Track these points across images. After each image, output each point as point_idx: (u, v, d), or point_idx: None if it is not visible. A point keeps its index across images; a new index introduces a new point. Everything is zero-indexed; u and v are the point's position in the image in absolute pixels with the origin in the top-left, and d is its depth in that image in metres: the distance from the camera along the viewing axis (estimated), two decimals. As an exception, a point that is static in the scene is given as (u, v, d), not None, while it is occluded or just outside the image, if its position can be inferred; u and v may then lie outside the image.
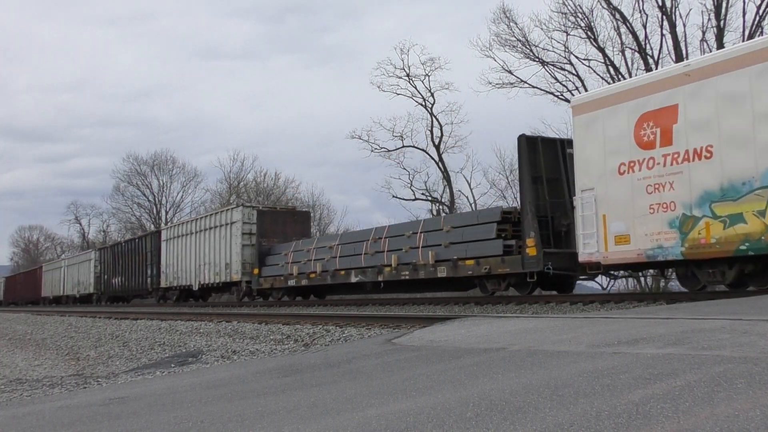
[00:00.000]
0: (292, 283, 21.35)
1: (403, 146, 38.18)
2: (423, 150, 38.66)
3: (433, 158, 38.69)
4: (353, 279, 18.60)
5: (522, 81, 31.35)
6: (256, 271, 23.41)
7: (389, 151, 38.43)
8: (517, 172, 15.97)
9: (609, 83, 28.62)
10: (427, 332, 7.24)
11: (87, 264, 42.40)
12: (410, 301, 16.70)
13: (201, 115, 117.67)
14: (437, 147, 38.33)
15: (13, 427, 4.40)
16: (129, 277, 34.87)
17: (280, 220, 24.79)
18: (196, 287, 27.09)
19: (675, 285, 25.15)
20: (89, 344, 14.52)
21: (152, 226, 56.82)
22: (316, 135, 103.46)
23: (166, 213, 62.14)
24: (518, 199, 15.77)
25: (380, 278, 17.52)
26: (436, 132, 38.27)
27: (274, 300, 23.31)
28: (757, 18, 24.88)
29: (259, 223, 24.00)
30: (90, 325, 18.65)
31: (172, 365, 8.46)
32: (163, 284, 30.36)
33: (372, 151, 38.50)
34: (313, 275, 20.20)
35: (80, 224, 75.64)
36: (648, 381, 3.46)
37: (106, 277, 38.66)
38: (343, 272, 19.14)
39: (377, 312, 13.96)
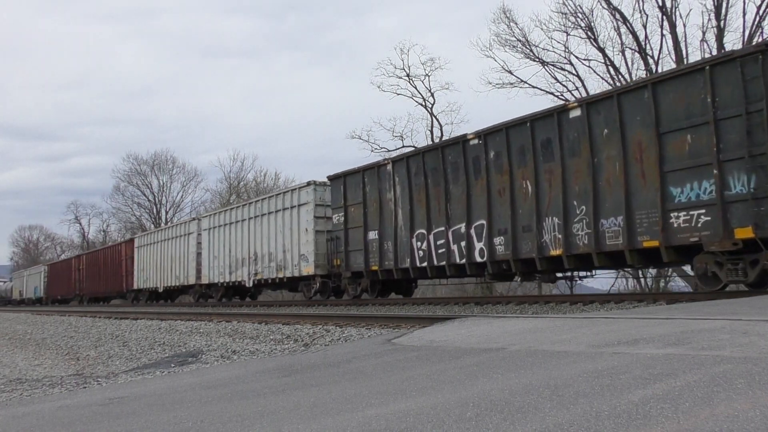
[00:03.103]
0: None
1: (403, 146, 38.14)
2: (423, 150, 38.70)
3: (433, 158, 38.72)
4: None
5: (522, 81, 31.30)
6: None
7: (389, 151, 38.38)
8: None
9: (609, 83, 28.69)
10: (427, 332, 7.24)
11: (288, 216, 20.62)
12: (410, 301, 16.69)
13: (201, 113, 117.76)
14: (438, 147, 38.31)
15: (13, 427, 4.39)
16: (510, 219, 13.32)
17: None
18: None
19: (675, 285, 25.27)
20: (89, 344, 14.53)
21: (152, 226, 56.75)
22: (317, 134, 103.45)
23: (166, 213, 62.20)
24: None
25: None
26: (436, 132, 38.28)
27: None
28: (757, 18, 24.86)
29: None
30: (90, 324, 18.65)
31: (172, 365, 8.46)
32: None
33: (372, 151, 38.35)
34: None
35: (80, 224, 75.63)
36: (648, 381, 3.46)
37: (374, 235, 16.86)
38: None
39: (377, 312, 13.96)
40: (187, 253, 28.11)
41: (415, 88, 38.11)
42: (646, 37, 27.55)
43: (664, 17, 26.66)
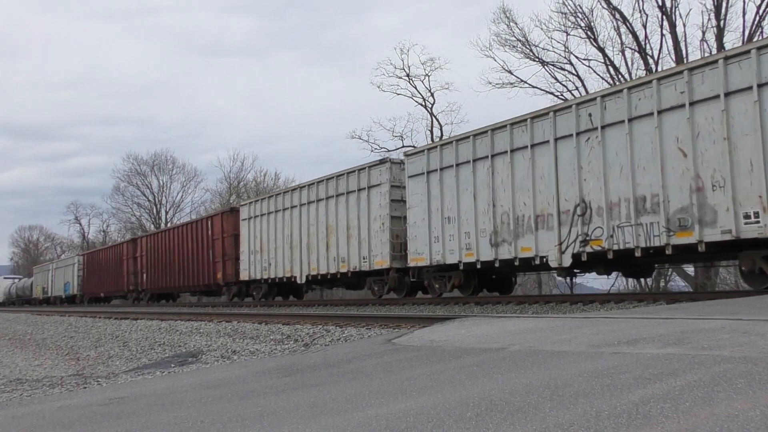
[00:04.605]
0: None
1: (403, 146, 38.21)
2: (423, 150, 38.68)
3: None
4: None
5: (522, 81, 31.36)
6: None
7: (389, 151, 38.46)
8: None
9: (609, 83, 28.71)
10: (427, 332, 7.24)
11: (714, 115, 9.49)
12: (410, 301, 16.68)
13: (201, 113, 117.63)
14: (438, 147, 38.26)
15: (13, 427, 4.39)
16: None
17: None
18: None
19: (675, 285, 25.27)
20: (89, 344, 14.52)
21: (152, 226, 56.64)
22: (317, 134, 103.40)
23: (166, 213, 62.20)
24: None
25: None
26: (436, 132, 38.35)
27: None
28: (757, 18, 24.87)
29: None
30: (90, 325, 18.64)
31: (172, 365, 8.46)
32: None
33: (372, 151, 38.46)
34: None
35: (80, 224, 75.57)
36: (648, 381, 3.46)
37: None
38: None
39: (377, 312, 13.96)
40: (368, 219, 17.26)
41: (415, 88, 38.23)
42: (646, 36, 27.59)
43: (664, 17, 26.69)
